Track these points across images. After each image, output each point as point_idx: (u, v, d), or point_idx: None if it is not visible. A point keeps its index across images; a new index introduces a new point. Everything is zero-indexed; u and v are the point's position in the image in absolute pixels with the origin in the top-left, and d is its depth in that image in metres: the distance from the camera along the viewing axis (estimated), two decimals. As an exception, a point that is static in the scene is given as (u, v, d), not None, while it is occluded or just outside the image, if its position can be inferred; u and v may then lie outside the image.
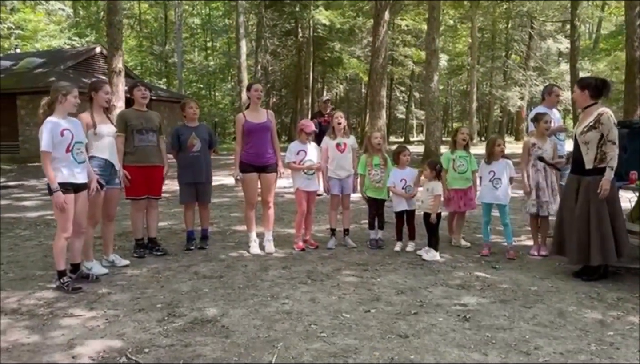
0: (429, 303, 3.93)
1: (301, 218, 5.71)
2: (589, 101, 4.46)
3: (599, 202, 4.31)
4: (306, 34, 28.90)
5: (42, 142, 4.05)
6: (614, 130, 4.33)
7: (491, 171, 5.38)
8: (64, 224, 4.15)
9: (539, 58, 34.21)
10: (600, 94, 4.45)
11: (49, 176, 4.08)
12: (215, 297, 4.08)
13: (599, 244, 4.30)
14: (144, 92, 5.33)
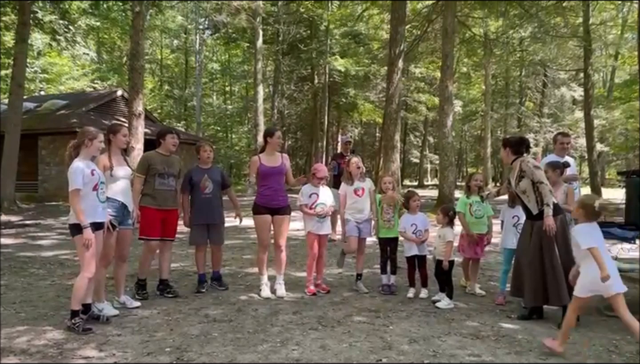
0: (442, 353, 3.84)
1: (312, 262, 5.69)
2: (512, 157, 4.84)
3: (551, 245, 4.50)
4: (322, 80, 29.52)
5: (75, 181, 4.19)
6: (537, 171, 4.61)
7: (515, 216, 5.31)
8: (89, 263, 4.20)
9: (553, 105, 34.38)
10: (520, 150, 4.84)
11: (78, 213, 4.17)
12: (225, 341, 4.04)
13: (555, 287, 4.45)
14: (176, 141, 5.47)
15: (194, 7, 32.91)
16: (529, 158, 4.78)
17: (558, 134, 6.40)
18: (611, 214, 6.29)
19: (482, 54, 28.23)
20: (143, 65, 16.61)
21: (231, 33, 28.99)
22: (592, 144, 20.66)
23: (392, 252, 5.77)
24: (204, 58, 37.33)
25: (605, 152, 35.76)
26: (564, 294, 4.41)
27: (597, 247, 3.62)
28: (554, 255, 4.50)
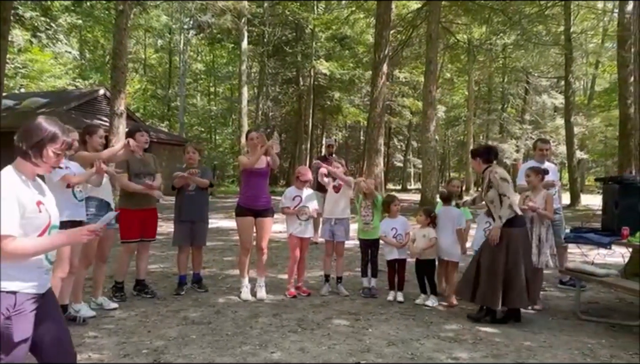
0: (420, 355, 3.86)
1: (294, 264, 5.69)
2: (483, 166, 4.96)
3: (516, 252, 4.66)
4: (307, 83, 29.53)
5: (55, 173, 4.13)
6: (503, 184, 4.73)
7: (487, 221, 5.37)
8: (62, 263, 4.14)
9: (535, 112, 34.84)
10: (489, 158, 4.97)
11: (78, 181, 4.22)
12: (203, 344, 4.01)
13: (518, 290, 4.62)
14: (146, 138, 5.40)
15: (179, 7, 32.69)
16: (498, 169, 4.87)
17: (538, 140, 6.50)
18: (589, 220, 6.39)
19: (465, 60, 28.51)
20: (126, 65, 16.43)
21: (216, 34, 28.82)
22: (572, 151, 20.95)
23: (372, 255, 5.79)
24: (188, 58, 37.06)
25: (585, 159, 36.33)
26: (524, 298, 4.64)
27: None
28: (518, 261, 4.65)
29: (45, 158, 2.23)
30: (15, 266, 2.14)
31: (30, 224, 2.18)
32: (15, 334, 2.13)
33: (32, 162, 2.22)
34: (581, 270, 5.18)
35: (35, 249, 2.18)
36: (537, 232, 5.24)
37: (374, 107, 15.65)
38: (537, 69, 31.32)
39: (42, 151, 2.22)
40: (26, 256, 2.15)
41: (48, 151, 2.23)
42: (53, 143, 2.23)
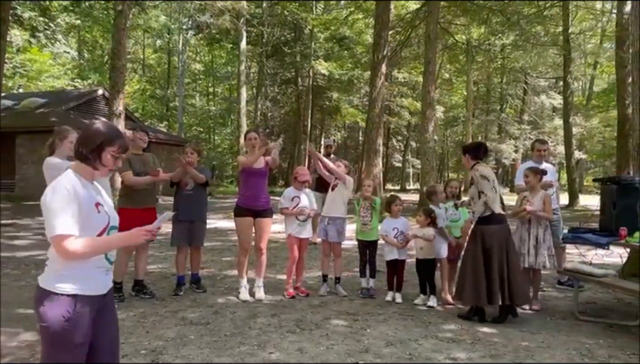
0: (418, 355, 3.87)
1: (292, 265, 5.69)
2: (472, 162, 5.01)
3: (490, 248, 4.73)
4: (306, 83, 29.54)
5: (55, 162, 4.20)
6: (483, 181, 4.83)
7: None
8: None
9: (533, 112, 34.89)
10: (477, 155, 5.03)
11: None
12: (201, 344, 4.01)
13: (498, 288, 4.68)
14: (142, 137, 5.44)
15: (178, 7, 32.66)
16: (481, 167, 4.94)
17: (535, 141, 6.52)
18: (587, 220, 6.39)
19: (464, 61, 28.51)
20: (125, 65, 16.43)
21: (215, 34, 28.81)
22: (571, 152, 20.99)
23: (371, 256, 5.79)
24: (187, 58, 37.06)
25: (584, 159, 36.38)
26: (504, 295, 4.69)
27: None
28: (492, 259, 4.72)
29: (104, 161, 2.28)
30: (76, 267, 2.17)
31: (90, 225, 2.21)
32: (75, 337, 2.14)
33: (91, 165, 2.27)
34: (579, 270, 5.19)
35: (95, 249, 2.20)
36: (535, 233, 5.25)
37: (372, 108, 15.65)
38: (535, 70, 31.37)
39: (100, 155, 2.26)
40: (85, 256, 2.17)
41: (107, 154, 2.27)
42: (111, 146, 2.27)
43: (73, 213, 2.13)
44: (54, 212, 2.11)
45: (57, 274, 2.16)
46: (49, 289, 2.15)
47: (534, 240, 5.23)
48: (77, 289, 2.16)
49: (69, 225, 2.11)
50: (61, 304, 2.12)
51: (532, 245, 5.22)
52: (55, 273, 2.16)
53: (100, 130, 2.29)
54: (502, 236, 4.81)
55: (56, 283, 2.15)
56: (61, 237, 2.09)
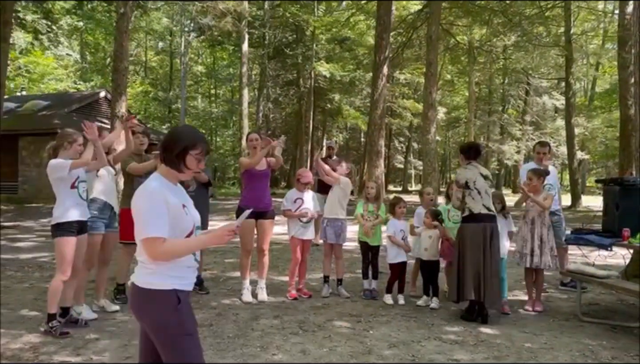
0: (421, 357, 3.87)
1: (295, 266, 5.69)
2: (465, 162, 5.16)
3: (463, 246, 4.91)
4: (307, 85, 29.54)
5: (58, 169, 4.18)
6: (458, 177, 5.10)
7: None
8: (64, 266, 4.16)
9: (535, 113, 34.82)
10: (469, 155, 5.16)
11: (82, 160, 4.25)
12: (205, 346, 4.00)
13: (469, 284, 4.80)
14: (142, 140, 5.44)
15: (180, 9, 32.73)
16: (464, 167, 5.11)
17: (536, 143, 6.55)
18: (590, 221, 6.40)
19: (466, 62, 28.53)
20: (127, 67, 16.47)
21: (217, 36, 28.84)
22: (573, 152, 20.94)
23: (373, 258, 5.79)
24: (189, 60, 37.11)
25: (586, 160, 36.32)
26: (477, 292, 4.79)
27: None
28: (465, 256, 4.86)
29: (188, 164, 2.33)
30: (172, 266, 2.25)
31: (179, 227, 2.28)
32: (187, 326, 2.26)
33: (177, 169, 2.33)
34: (582, 272, 5.19)
35: (185, 250, 2.30)
36: (539, 233, 5.25)
37: (374, 109, 15.67)
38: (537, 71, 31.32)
39: (185, 158, 2.32)
40: (173, 258, 2.25)
41: (191, 157, 2.32)
42: (194, 150, 2.32)
43: (163, 215, 2.21)
44: (144, 214, 2.21)
45: (156, 272, 2.24)
46: (151, 287, 2.23)
47: (538, 240, 5.23)
48: (176, 284, 2.26)
49: (159, 227, 2.19)
50: (167, 299, 2.23)
51: (536, 245, 5.22)
52: (153, 272, 2.24)
53: (184, 134, 2.36)
54: (478, 234, 4.83)
55: (156, 281, 2.23)
56: (152, 239, 2.17)
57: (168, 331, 2.23)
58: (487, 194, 4.98)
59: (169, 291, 2.23)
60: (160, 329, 2.24)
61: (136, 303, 2.29)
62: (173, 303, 2.22)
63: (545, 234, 5.25)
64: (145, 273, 2.26)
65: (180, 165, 2.32)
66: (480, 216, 4.88)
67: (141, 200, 2.24)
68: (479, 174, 5.02)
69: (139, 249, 2.27)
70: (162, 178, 2.33)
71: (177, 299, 2.24)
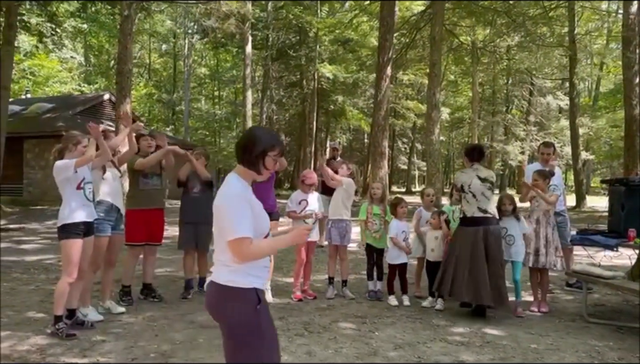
0: (427, 358, 3.87)
1: (300, 268, 5.69)
2: (469, 164, 5.22)
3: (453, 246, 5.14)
4: (311, 86, 29.57)
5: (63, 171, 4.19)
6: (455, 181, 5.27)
7: (504, 227, 5.21)
8: (71, 268, 4.17)
9: (539, 114, 34.75)
10: (472, 157, 5.21)
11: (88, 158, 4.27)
12: (210, 348, 4.02)
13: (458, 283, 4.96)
14: (150, 142, 5.48)
15: (183, 12, 32.82)
16: (462, 170, 5.28)
17: (541, 144, 6.55)
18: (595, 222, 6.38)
19: (469, 62, 28.48)
20: (131, 69, 16.54)
21: (220, 38, 28.91)
22: (578, 153, 20.89)
23: (377, 259, 5.79)
24: (192, 62, 37.21)
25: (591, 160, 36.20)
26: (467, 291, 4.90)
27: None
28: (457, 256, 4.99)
29: (267, 165, 2.40)
30: (252, 265, 2.32)
31: (260, 227, 2.35)
32: (265, 325, 2.33)
33: (256, 169, 2.39)
34: (588, 272, 5.17)
35: (270, 249, 2.43)
36: (544, 233, 5.24)
37: (378, 110, 15.65)
38: (541, 71, 31.27)
39: (264, 159, 2.38)
40: (259, 257, 2.33)
41: (269, 158, 2.39)
42: (272, 151, 2.39)
43: (248, 216, 2.27)
44: (231, 216, 2.25)
45: (237, 271, 2.29)
46: (234, 285, 2.28)
47: (543, 240, 5.22)
48: (255, 283, 2.33)
49: (247, 228, 2.24)
50: (248, 297, 2.29)
51: (542, 245, 5.21)
52: (235, 271, 2.29)
53: (262, 136, 2.41)
54: (468, 237, 4.94)
55: (239, 279, 2.29)
56: (241, 240, 2.22)
57: (245, 330, 2.28)
58: (484, 197, 4.99)
59: (250, 289, 2.29)
60: (238, 327, 2.29)
61: (216, 300, 2.33)
62: (254, 302, 2.29)
63: (550, 234, 5.24)
64: (227, 272, 2.31)
65: (259, 166, 2.38)
66: (473, 219, 4.96)
67: (227, 201, 2.30)
68: (476, 176, 5.05)
69: (220, 249, 2.32)
70: (241, 179, 2.39)
71: (258, 299, 2.30)
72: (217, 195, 2.34)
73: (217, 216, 2.31)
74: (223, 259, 2.31)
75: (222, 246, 2.29)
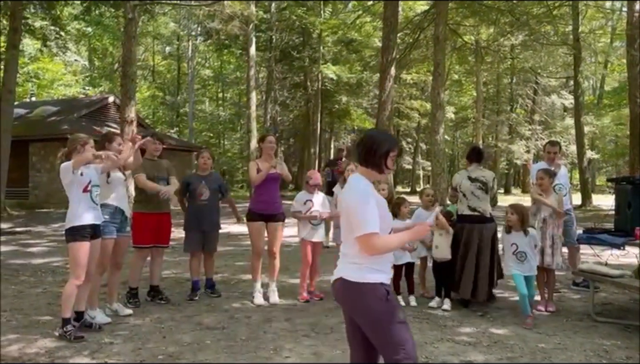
0: (434, 359, 3.86)
1: (306, 269, 5.70)
2: (469, 165, 5.46)
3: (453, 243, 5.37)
4: (315, 87, 29.58)
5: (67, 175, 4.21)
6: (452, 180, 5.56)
7: (513, 244, 4.96)
8: (78, 271, 4.19)
9: (544, 112, 34.64)
10: (471, 158, 5.43)
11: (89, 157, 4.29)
12: (218, 349, 4.04)
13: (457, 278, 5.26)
14: (157, 146, 5.50)
15: (187, 14, 32.89)
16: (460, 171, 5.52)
17: (547, 143, 6.54)
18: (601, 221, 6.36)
19: (473, 62, 28.42)
20: (135, 72, 16.59)
21: (224, 40, 28.95)
22: (583, 151, 20.81)
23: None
24: (196, 64, 37.28)
25: (596, 159, 36.06)
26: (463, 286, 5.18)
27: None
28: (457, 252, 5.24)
29: (389, 164, 2.57)
30: (377, 261, 2.48)
31: (385, 223, 2.51)
32: (399, 314, 2.47)
33: (379, 169, 2.56)
34: (595, 271, 5.15)
35: (397, 244, 2.56)
36: (550, 233, 5.23)
37: (382, 110, 15.64)
38: (545, 70, 31.16)
39: (387, 159, 2.56)
40: (389, 250, 2.51)
41: (390, 158, 2.57)
42: (393, 152, 2.57)
43: (376, 213, 2.42)
44: (359, 213, 2.41)
45: (365, 268, 2.45)
46: (363, 281, 2.44)
47: (549, 240, 5.21)
48: (382, 278, 2.48)
49: (375, 224, 2.39)
50: (377, 291, 2.44)
51: (547, 245, 5.20)
52: (362, 268, 2.45)
53: (384, 139, 2.60)
54: (458, 234, 5.27)
55: (366, 275, 2.44)
56: (371, 235, 2.37)
57: (383, 322, 2.42)
58: (474, 196, 5.25)
59: (377, 284, 2.44)
60: (375, 321, 2.44)
61: (347, 296, 2.49)
62: (383, 295, 2.43)
63: (557, 234, 5.24)
64: (354, 268, 2.46)
65: (382, 166, 2.55)
66: (463, 217, 5.31)
67: (355, 199, 2.45)
68: (467, 177, 5.33)
69: (347, 244, 2.49)
70: (365, 179, 2.56)
71: (386, 292, 2.45)
72: (345, 194, 2.53)
73: (347, 213, 2.46)
74: (350, 254, 2.47)
75: (350, 242, 2.46)
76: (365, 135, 2.71)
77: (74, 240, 4.21)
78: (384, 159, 2.53)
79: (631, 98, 15.23)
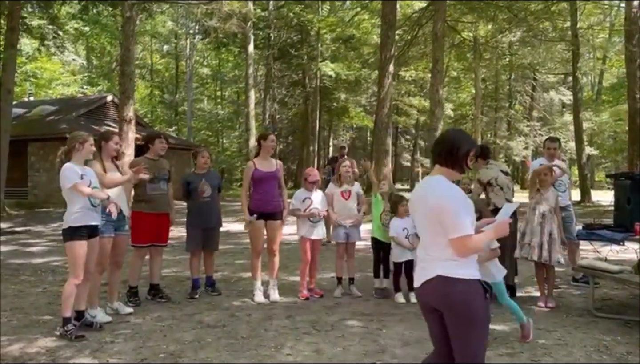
0: (435, 355, 3.86)
1: (305, 266, 5.70)
2: (484, 162, 5.60)
3: None
4: (313, 84, 29.56)
5: (69, 177, 4.20)
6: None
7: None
8: (77, 270, 4.19)
9: (543, 109, 34.63)
10: (487, 156, 5.64)
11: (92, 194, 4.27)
12: (219, 347, 4.04)
13: None
14: (165, 145, 5.51)
15: (185, 12, 32.83)
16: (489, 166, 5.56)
17: (546, 139, 6.53)
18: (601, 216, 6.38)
19: (471, 58, 28.40)
20: (133, 71, 16.57)
21: (222, 38, 28.90)
22: (582, 147, 20.81)
23: (384, 256, 5.79)
24: (194, 63, 37.22)
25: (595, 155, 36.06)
26: None
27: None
28: None
29: (468, 164, 2.59)
30: (472, 258, 2.52)
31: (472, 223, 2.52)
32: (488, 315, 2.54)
33: (459, 169, 2.59)
34: (594, 267, 5.16)
35: (483, 244, 2.60)
36: (549, 229, 5.22)
37: (380, 108, 15.64)
38: (544, 66, 31.10)
39: (466, 159, 2.57)
40: (478, 251, 2.54)
41: (469, 158, 2.58)
42: (472, 151, 2.59)
43: (469, 215, 2.48)
44: (455, 215, 2.43)
45: (463, 265, 2.47)
46: (464, 277, 2.45)
47: (547, 235, 5.20)
48: (477, 275, 2.52)
49: (469, 226, 2.44)
50: (477, 287, 2.48)
51: (545, 240, 5.18)
52: (461, 265, 2.47)
53: (463, 139, 2.61)
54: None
55: (467, 271, 2.47)
56: (464, 237, 2.41)
57: (478, 316, 2.45)
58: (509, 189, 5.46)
59: (476, 280, 2.48)
60: (470, 315, 2.44)
61: (446, 292, 2.46)
62: (481, 291, 2.48)
63: (555, 230, 5.22)
64: (453, 266, 2.46)
65: (463, 165, 2.57)
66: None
67: (450, 201, 2.46)
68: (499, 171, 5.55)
69: (437, 246, 2.49)
70: (448, 179, 2.57)
71: (484, 288, 2.50)
72: (434, 196, 2.48)
73: (439, 214, 2.44)
74: (443, 255, 2.47)
75: (441, 243, 2.45)
76: (444, 135, 2.70)
77: (71, 239, 4.20)
78: (464, 159, 2.55)
79: (630, 94, 15.24)
